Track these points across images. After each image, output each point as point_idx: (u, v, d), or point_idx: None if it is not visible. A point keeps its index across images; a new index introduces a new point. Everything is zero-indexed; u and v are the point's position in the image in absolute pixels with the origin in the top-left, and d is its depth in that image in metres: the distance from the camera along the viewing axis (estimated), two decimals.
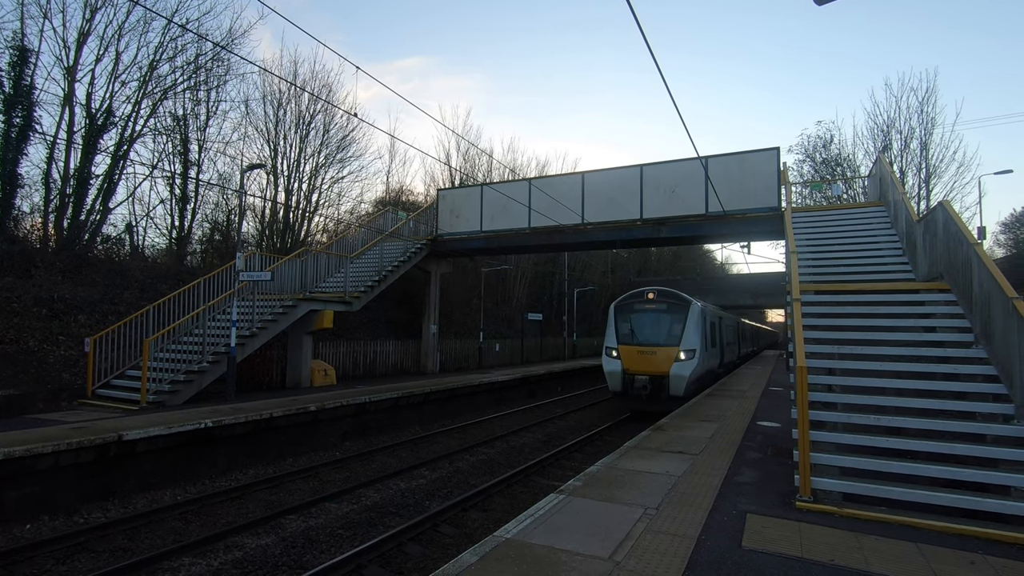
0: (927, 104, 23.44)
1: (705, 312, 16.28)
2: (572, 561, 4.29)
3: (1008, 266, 25.13)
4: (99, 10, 16.26)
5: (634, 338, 15.38)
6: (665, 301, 15.57)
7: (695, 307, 15.37)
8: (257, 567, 6.21)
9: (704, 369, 15.52)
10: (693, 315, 15.16)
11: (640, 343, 15.19)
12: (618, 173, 16.82)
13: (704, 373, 15.78)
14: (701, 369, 15.05)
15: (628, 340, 15.39)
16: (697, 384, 15.34)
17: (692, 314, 15.17)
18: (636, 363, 15.03)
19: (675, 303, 15.46)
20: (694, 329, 14.95)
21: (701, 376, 15.44)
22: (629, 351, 15.25)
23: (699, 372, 14.93)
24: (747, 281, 40.32)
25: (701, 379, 15.62)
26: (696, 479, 6.57)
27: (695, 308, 15.34)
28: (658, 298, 15.67)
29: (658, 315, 15.46)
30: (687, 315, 15.10)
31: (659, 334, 15.17)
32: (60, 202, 16.00)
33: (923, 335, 7.55)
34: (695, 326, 15.02)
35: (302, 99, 22.84)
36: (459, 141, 32.91)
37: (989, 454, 5.61)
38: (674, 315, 15.23)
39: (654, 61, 5.35)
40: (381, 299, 19.35)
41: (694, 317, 15.14)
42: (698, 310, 15.36)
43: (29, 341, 12.10)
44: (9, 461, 6.98)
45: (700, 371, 14.99)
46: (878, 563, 4.33)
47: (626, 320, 15.76)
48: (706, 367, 15.82)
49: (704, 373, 15.78)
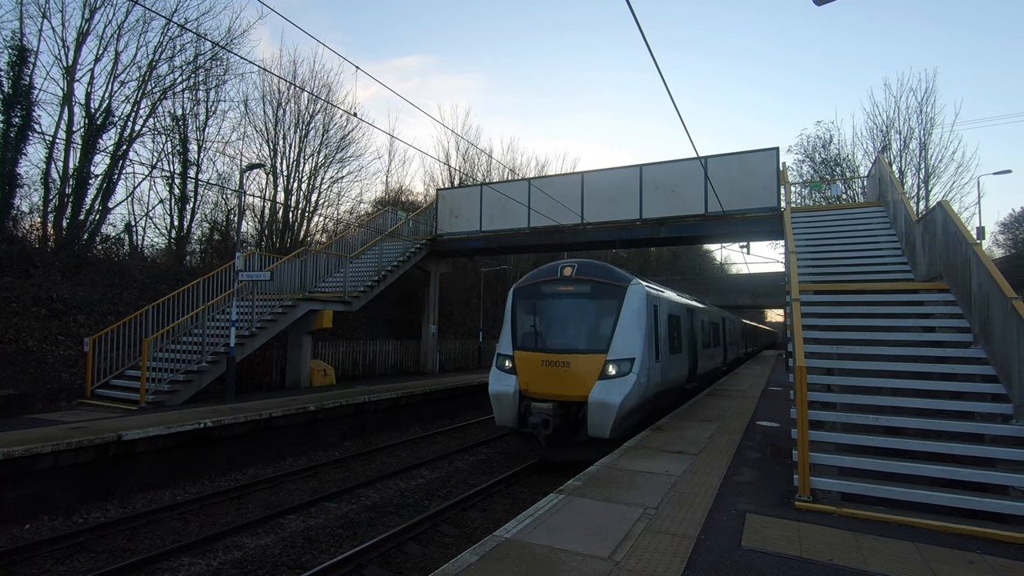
0: (926, 104, 23.50)
1: (656, 299, 11.19)
2: (572, 561, 4.29)
3: (1007, 266, 25.13)
4: (98, 10, 16.27)
5: (538, 340, 10.36)
6: (589, 281, 10.41)
7: (635, 291, 10.20)
8: (257, 567, 6.21)
9: (652, 389, 10.25)
10: (632, 303, 10.04)
11: (547, 348, 10.16)
12: (618, 173, 16.82)
13: (653, 395, 10.45)
14: (646, 390, 9.87)
15: (530, 343, 10.41)
16: (639, 414, 10.00)
17: (631, 301, 10.04)
18: (538, 380, 9.99)
19: (603, 284, 10.34)
20: (633, 325, 9.90)
21: (646, 400, 10.07)
22: (529, 361, 10.20)
23: (641, 395, 9.71)
24: (746, 281, 40.35)
25: (647, 405, 10.27)
26: (695, 479, 6.58)
27: (635, 293, 10.17)
28: (578, 276, 10.52)
29: (577, 304, 10.39)
30: (622, 303, 10.02)
31: (577, 334, 10.25)
32: (59, 202, 16.00)
33: (922, 335, 7.56)
34: (635, 320, 9.95)
35: (301, 99, 22.86)
36: (458, 141, 32.91)
37: (988, 454, 5.62)
38: (601, 303, 10.21)
39: (653, 61, 5.35)
40: (380, 299, 19.34)
41: (634, 306, 10.02)
42: (640, 295, 10.20)
43: (28, 341, 12.09)
44: (8, 461, 6.98)
45: (644, 393, 9.79)
46: (877, 563, 4.34)
47: (528, 312, 10.74)
48: (656, 385, 10.55)
49: (653, 395, 10.45)
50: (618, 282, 10.36)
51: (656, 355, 10.58)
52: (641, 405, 9.91)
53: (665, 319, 11.58)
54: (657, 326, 10.86)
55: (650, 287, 11.29)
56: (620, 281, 10.38)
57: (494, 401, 10.38)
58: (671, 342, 12.02)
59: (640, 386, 9.62)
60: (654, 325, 10.64)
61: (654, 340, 10.50)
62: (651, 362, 10.19)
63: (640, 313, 10.08)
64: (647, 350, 9.99)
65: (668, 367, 11.52)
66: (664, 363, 11.10)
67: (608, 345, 9.75)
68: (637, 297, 10.19)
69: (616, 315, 9.95)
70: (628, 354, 9.67)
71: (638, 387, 9.55)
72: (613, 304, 10.08)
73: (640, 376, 9.62)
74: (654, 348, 10.45)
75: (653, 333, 10.49)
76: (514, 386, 10.14)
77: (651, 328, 10.40)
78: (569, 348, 10.03)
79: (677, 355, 12.57)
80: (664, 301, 11.88)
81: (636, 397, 9.53)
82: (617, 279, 10.45)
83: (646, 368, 9.85)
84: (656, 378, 10.51)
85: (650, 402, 10.44)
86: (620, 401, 9.21)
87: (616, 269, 10.97)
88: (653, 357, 10.33)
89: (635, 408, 9.66)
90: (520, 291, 11.09)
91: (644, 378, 9.75)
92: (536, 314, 10.63)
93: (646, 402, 10.15)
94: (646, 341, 9.99)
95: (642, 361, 9.74)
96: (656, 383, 10.53)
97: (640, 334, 9.92)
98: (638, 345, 9.80)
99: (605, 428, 9.22)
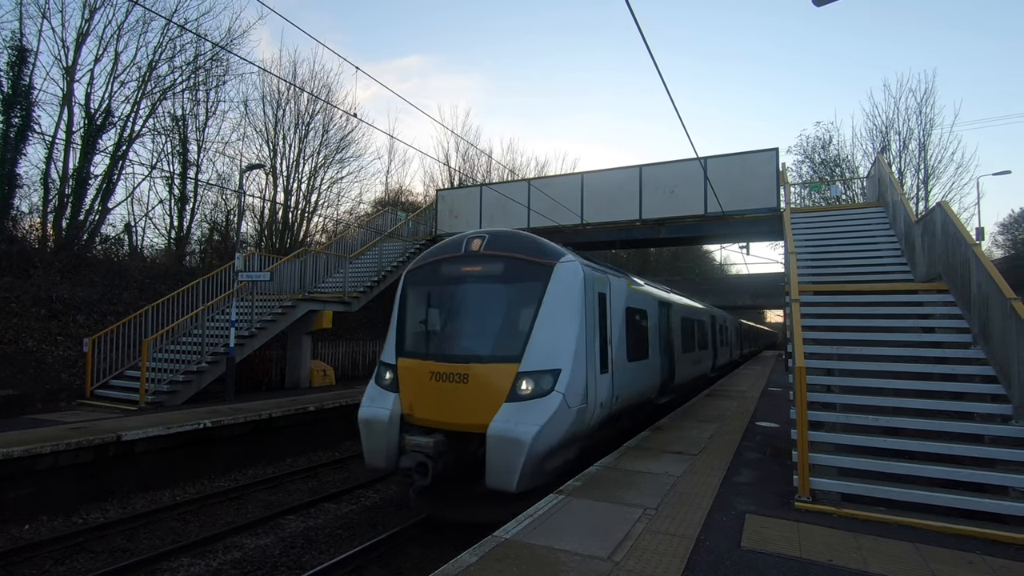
0: (925, 105, 23.59)
1: (606, 285, 8.34)
2: (571, 561, 4.29)
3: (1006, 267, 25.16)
4: (98, 10, 16.31)
5: (430, 344, 7.54)
6: (503, 257, 7.55)
7: (567, 271, 7.38)
8: (256, 567, 6.21)
9: (596, 414, 7.46)
10: (561, 289, 7.25)
11: (439, 355, 7.30)
12: (617, 174, 16.83)
13: (598, 421, 7.63)
14: (582, 416, 7.03)
15: (419, 348, 7.58)
16: (570, 450, 7.13)
17: (559, 286, 7.24)
18: (425, 401, 7.19)
19: (522, 262, 7.46)
20: (561, 321, 7.12)
21: (584, 429, 7.23)
22: (416, 373, 7.36)
23: (573, 424, 6.85)
24: (746, 282, 40.37)
25: (585, 436, 7.38)
26: (695, 479, 6.58)
27: (566, 274, 7.36)
28: (489, 251, 7.68)
29: (486, 290, 7.53)
30: (545, 289, 7.19)
31: (480, 333, 7.37)
32: (59, 202, 16.01)
33: (921, 336, 7.57)
34: (565, 314, 7.18)
35: (301, 99, 22.91)
36: (458, 141, 32.96)
37: (987, 454, 5.63)
38: (519, 289, 7.37)
39: (653, 62, 5.37)
40: (380, 299, 19.30)
41: (563, 293, 7.25)
42: (574, 277, 7.40)
43: (28, 341, 12.09)
44: (8, 461, 6.98)
45: (578, 421, 6.96)
46: (876, 563, 4.34)
47: (421, 303, 7.96)
48: (603, 407, 7.69)
49: (598, 421, 7.63)
50: (541, 258, 7.38)
51: (603, 364, 7.75)
52: (573, 438, 6.90)
53: (622, 314, 8.95)
54: (606, 323, 8.12)
55: (595, 267, 8.36)
56: (544, 257, 7.41)
57: (362, 430, 7.30)
58: (632, 345, 9.24)
59: (568, 412, 6.63)
60: (600, 321, 7.86)
61: (599, 342, 7.71)
62: (591, 375, 7.27)
63: (573, 303, 7.19)
64: (584, 357, 7.13)
65: (626, 379, 8.69)
66: (619, 374, 8.34)
67: (523, 350, 6.78)
68: (569, 280, 7.22)
69: (537, 307, 7.02)
70: (550, 364, 6.73)
71: (564, 413, 6.57)
72: (535, 290, 7.12)
73: (570, 396, 6.67)
74: (598, 354, 7.61)
75: (597, 332, 7.70)
76: (391, 408, 7.17)
77: (594, 325, 7.60)
78: (468, 355, 7.06)
79: (641, 362, 9.73)
80: (620, 289, 9.03)
81: (562, 428, 6.54)
82: (541, 254, 7.48)
83: (581, 384, 6.97)
84: (603, 396, 7.65)
85: (593, 431, 7.54)
86: (533, 435, 6.18)
87: (545, 242, 7.83)
88: (595, 367, 7.45)
89: (562, 443, 6.64)
90: (413, 274, 8.19)
91: (577, 398, 6.83)
92: (431, 306, 7.74)
93: (584, 432, 7.20)
94: (582, 344, 7.12)
95: (573, 374, 6.81)
96: (603, 403, 7.64)
97: (572, 334, 7.02)
98: (567, 350, 6.88)
99: (510, 477, 6.19)
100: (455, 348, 7.32)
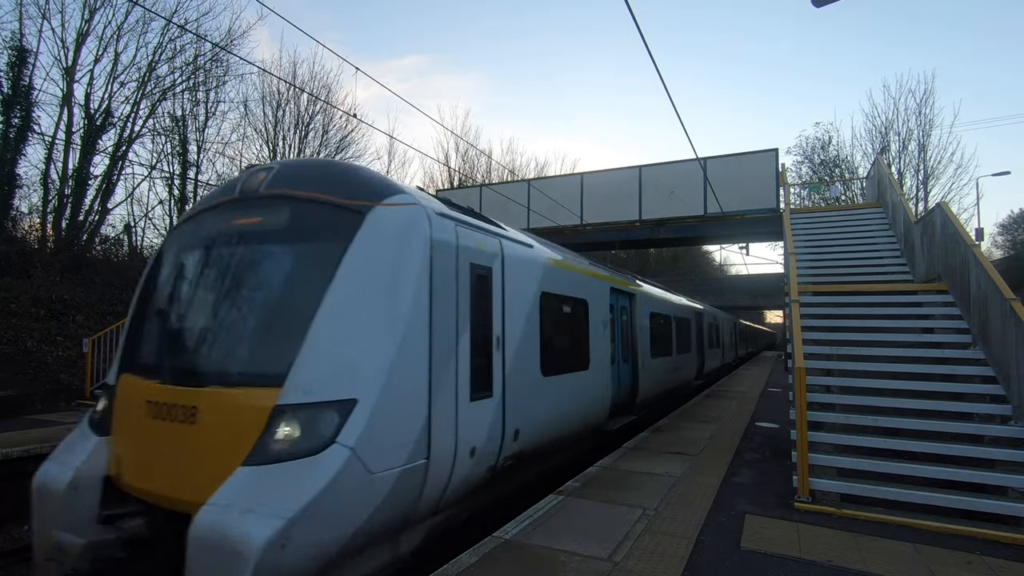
0: (925, 106, 23.61)
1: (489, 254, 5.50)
2: (571, 561, 4.29)
3: (1006, 267, 25.21)
4: (98, 10, 16.29)
5: (160, 351, 4.55)
6: (290, 199, 4.51)
7: (390, 219, 4.38)
8: None
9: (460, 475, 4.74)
10: (373, 249, 4.19)
11: (168, 370, 4.28)
12: (617, 174, 16.83)
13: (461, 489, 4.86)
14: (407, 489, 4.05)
15: (146, 360, 4.57)
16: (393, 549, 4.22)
17: (369, 246, 4.18)
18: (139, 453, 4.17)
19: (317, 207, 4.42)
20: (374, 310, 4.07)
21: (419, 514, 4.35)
22: (132, 402, 4.32)
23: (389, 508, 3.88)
24: (746, 282, 40.46)
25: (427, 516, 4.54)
26: (695, 480, 6.59)
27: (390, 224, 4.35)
28: (273, 189, 4.63)
29: (253, 257, 4.44)
30: (344, 252, 4.11)
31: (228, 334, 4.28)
32: (59, 203, 16.00)
33: (921, 336, 7.57)
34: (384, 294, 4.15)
35: (301, 100, 22.88)
36: (458, 142, 32.96)
37: (986, 455, 5.63)
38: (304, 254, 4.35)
39: (653, 62, 5.37)
40: None
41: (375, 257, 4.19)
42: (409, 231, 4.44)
43: (27, 342, 12.08)
44: (7, 462, 6.97)
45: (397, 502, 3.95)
46: (876, 563, 4.35)
47: (167, 280, 4.94)
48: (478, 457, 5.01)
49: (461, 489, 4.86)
50: (351, 199, 4.43)
51: (482, 383, 5.17)
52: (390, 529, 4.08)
53: (532, 302, 6.27)
54: (494, 315, 5.48)
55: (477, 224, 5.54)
56: (356, 198, 4.44)
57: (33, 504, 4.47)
58: (556, 349, 6.78)
59: (366, 483, 3.70)
60: (478, 313, 5.20)
61: (473, 347, 5.04)
62: (443, 404, 4.51)
63: (399, 278, 4.28)
64: (422, 373, 4.32)
65: (539, 403, 6.28)
66: (522, 397, 5.85)
67: (291, 363, 3.80)
68: (394, 237, 4.35)
69: (329, 280, 4.05)
70: (337, 389, 3.79)
71: (355, 485, 3.64)
72: (331, 254, 4.16)
73: (371, 449, 3.75)
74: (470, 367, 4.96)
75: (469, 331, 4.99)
76: (82, 464, 4.27)
77: (453, 319, 4.79)
78: (201, 372, 4.19)
79: (574, 375, 7.34)
80: (528, 264, 6.31)
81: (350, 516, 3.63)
82: (350, 193, 4.50)
83: (408, 423, 4.14)
84: (479, 437, 5.04)
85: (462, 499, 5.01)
86: (268, 538, 3.13)
87: (368, 174, 4.96)
88: (459, 390, 4.76)
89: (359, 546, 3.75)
90: (174, 234, 5.36)
91: (390, 453, 3.93)
92: (176, 287, 4.82)
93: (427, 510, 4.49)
94: (417, 350, 4.30)
95: (385, 405, 3.89)
96: (479, 451, 5.04)
97: (389, 333, 4.11)
98: (375, 362, 3.98)
99: None
100: (185, 360, 4.35)
